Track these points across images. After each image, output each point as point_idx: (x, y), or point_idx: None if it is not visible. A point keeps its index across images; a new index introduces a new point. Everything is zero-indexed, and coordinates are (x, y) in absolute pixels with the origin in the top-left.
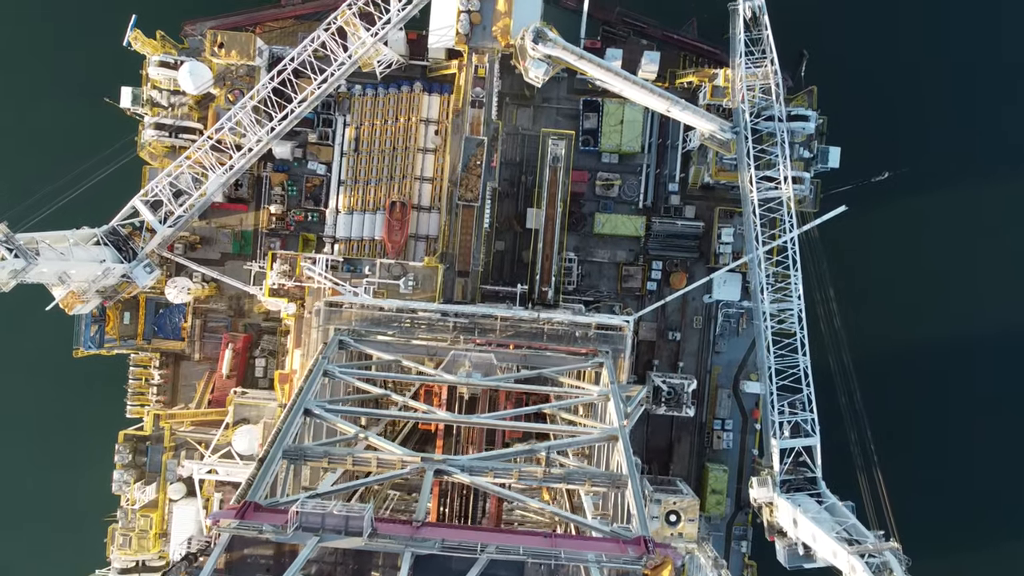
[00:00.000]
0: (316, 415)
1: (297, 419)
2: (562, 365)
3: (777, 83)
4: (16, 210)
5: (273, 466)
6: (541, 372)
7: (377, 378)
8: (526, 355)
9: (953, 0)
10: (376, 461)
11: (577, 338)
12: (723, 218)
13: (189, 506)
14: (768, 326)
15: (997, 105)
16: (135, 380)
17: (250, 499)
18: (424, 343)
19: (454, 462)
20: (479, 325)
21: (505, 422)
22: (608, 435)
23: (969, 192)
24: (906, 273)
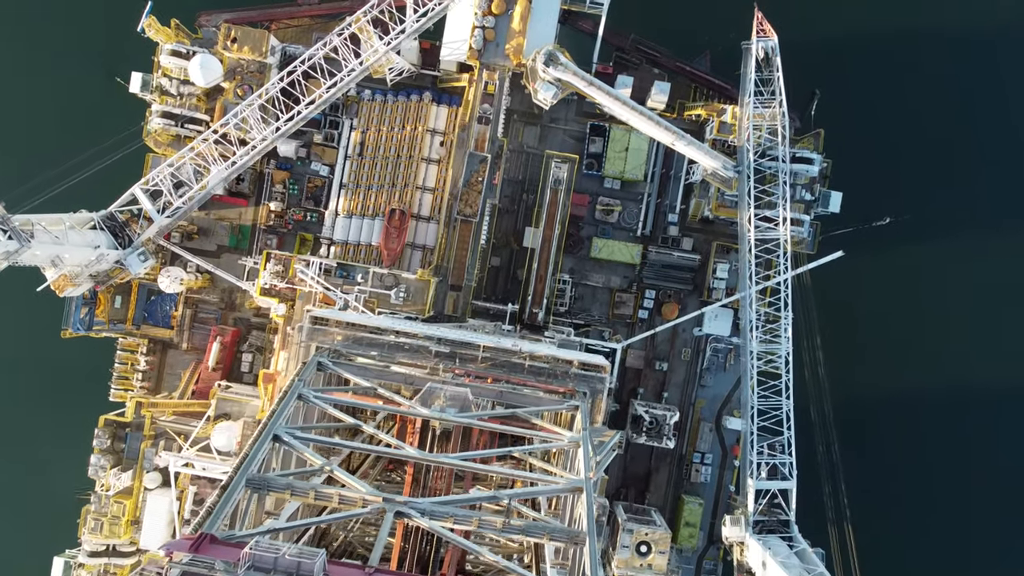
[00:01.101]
0: (285, 442)
1: (265, 445)
2: (538, 405)
3: (784, 125)
4: (18, 191)
5: (235, 495)
6: (515, 412)
7: (351, 406)
8: (502, 392)
9: (962, 54)
10: (338, 497)
11: (557, 375)
12: (720, 253)
13: (163, 496)
14: (754, 365)
15: (1002, 160)
16: (121, 364)
17: (207, 530)
18: (403, 370)
19: (416, 505)
20: (460, 354)
21: (471, 463)
22: (573, 487)
23: (968, 246)
24: (898, 323)
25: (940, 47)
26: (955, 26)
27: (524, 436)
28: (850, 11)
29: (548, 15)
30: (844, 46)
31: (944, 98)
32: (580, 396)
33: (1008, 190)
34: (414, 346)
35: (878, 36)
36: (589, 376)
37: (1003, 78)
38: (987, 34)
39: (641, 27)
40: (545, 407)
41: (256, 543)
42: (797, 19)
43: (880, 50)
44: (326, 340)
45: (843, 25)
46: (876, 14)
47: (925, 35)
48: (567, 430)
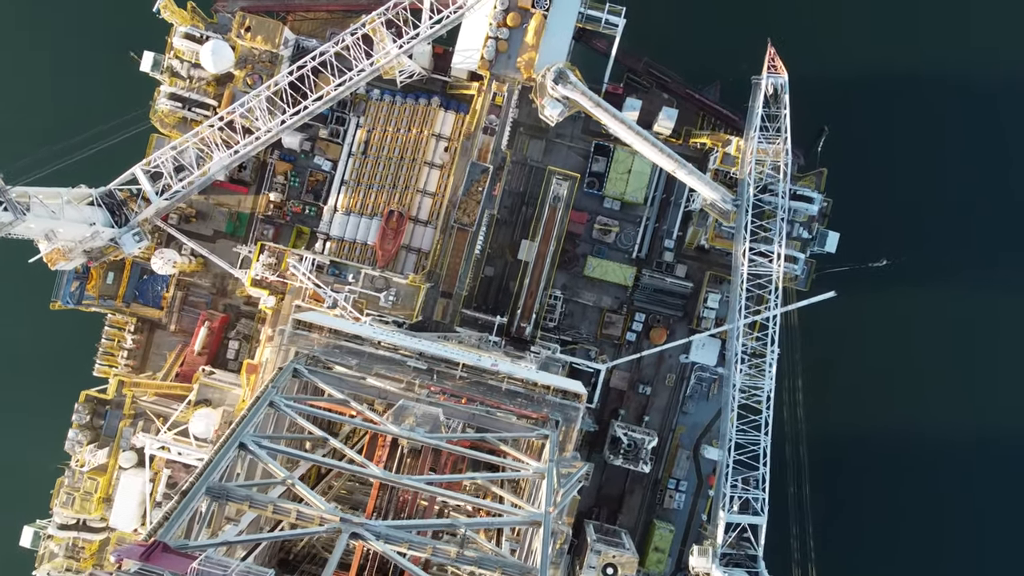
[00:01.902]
0: (251, 451)
1: (230, 453)
2: (509, 431)
3: (787, 163)
4: (20, 163)
5: (194, 502)
6: (485, 437)
7: (322, 417)
8: (474, 414)
9: (966, 103)
10: (296, 513)
11: (533, 399)
12: (712, 283)
13: (137, 477)
14: (736, 398)
15: (1003, 212)
16: (107, 341)
17: (160, 538)
18: (378, 383)
19: (372, 528)
20: (437, 370)
21: (433, 488)
22: (531, 520)
23: (963, 294)
24: (883, 368)
25: (946, 95)
26: (960, 76)
27: (492, 462)
28: (861, 52)
29: (562, 32)
30: (855, 86)
31: (948, 146)
32: (551, 425)
33: (1004, 241)
34: (393, 359)
35: (887, 79)
36: (564, 404)
37: (1004, 128)
38: (991, 87)
39: (655, 51)
40: (515, 434)
41: (205, 559)
42: (811, 56)
43: (889, 93)
44: (306, 345)
45: (855, 66)
46: (886, 57)
47: (933, 81)
48: (534, 460)
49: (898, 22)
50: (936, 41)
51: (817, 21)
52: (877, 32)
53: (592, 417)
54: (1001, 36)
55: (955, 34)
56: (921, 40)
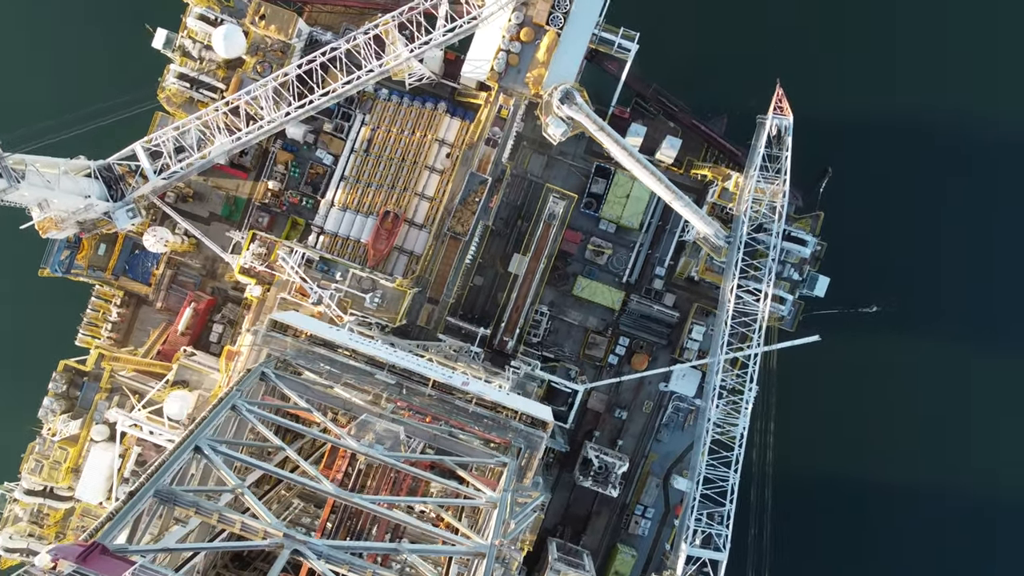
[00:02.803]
0: (205, 455)
1: (184, 455)
2: (469, 455)
3: (783, 204)
4: (23, 131)
5: (140, 504)
6: (444, 459)
7: (284, 425)
8: (436, 435)
9: (972, 163)
10: (241, 525)
11: (498, 424)
12: (699, 315)
13: (107, 451)
14: (710, 432)
15: (994, 275)
16: (93, 311)
17: (100, 540)
18: (345, 394)
19: (313, 546)
20: (407, 385)
21: (382, 509)
22: (476, 551)
23: (949, 350)
24: (858, 416)
25: (951, 150)
26: (964, 134)
27: (449, 486)
28: (873, 99)
29: (574, 52)
30: (862, 132)
31: (947, 202)
32: (512, 453)
33: (994, 303)
34: (363, 370)
35: (894, 128)
36: (529, 432)
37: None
38: (993, 146)
39: (666, 78)
40: (475, 459)
41: (140, 567)
42: (822, 97)
43: (895, 142)
44: (279, 347)
45: (865, 112)
46: (895, 106)
47: (939, 135)
48: (491, 486)
49: (913, 73)
50: (944, 96)
51: (831, 64)
52: (889, 81)
53: (565, 437)
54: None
55: (960, 91)
56: (931, 94)
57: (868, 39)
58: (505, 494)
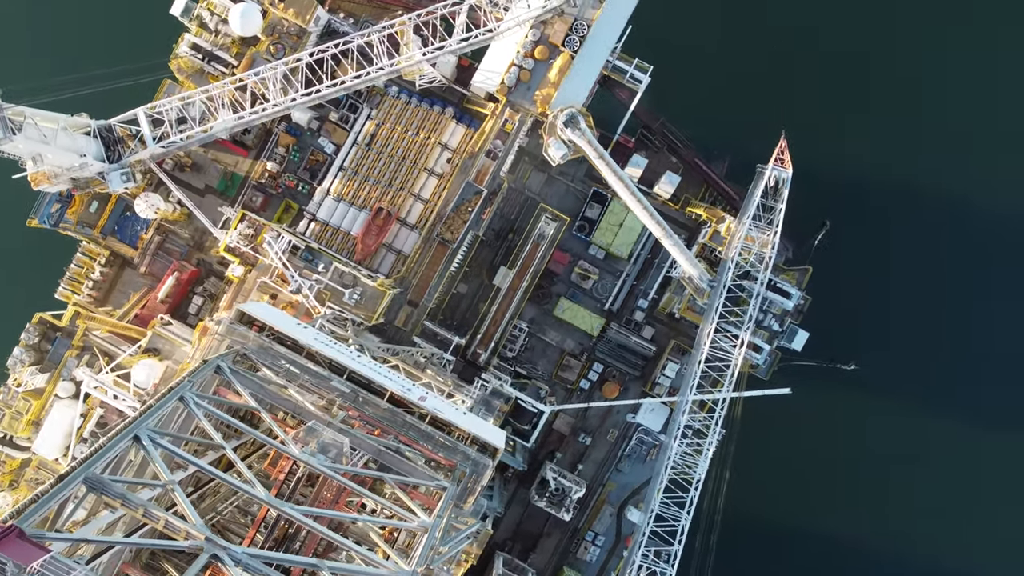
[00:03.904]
0: (143, 446)
1: (122, 444)
2: (411, 474)
3: (771, 256)
4: (29, 85)
5: (68, 490)
6: (383, 477)
7: (230, 424)
8: (381, 450)
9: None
10: (164, 522)
11: (447, 445)
12: (675, 352)
13: (70, 409)
14: (669, 469)
15: (979, 356)
16: (77, 267)
17: (19, 523)
18: (298, 396)
19: (232, 553)
20: (362, 395)
21: (311, 521)
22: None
23: (919, 418)
24: (818, 473)
25: (950, 221)
26: (962, 210)
27: (383, 505)
28: (877, 163)
29: (586, 76)
30: (863, 194)
31: (941, 275)
32: (455, 477)
33: (977, 387)
34: (320, 374)
35: (896, 192)
36: (477, 459)
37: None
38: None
39: (675, 113)
40: (415, 480)
41: (51, 560)
42: (827, 153)
43: (894, 206)
44: (241, 339)
45: (867, 174)
46: (900, 170)
47: (940, 205)
48: (427, 510)
49: (919, 139)
50: (946, 167)
51: (841, 122)
52: (896, 145)
53: (525, 456)
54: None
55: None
56: (934, 160)
57: (879, 102)
58: (438, 520)
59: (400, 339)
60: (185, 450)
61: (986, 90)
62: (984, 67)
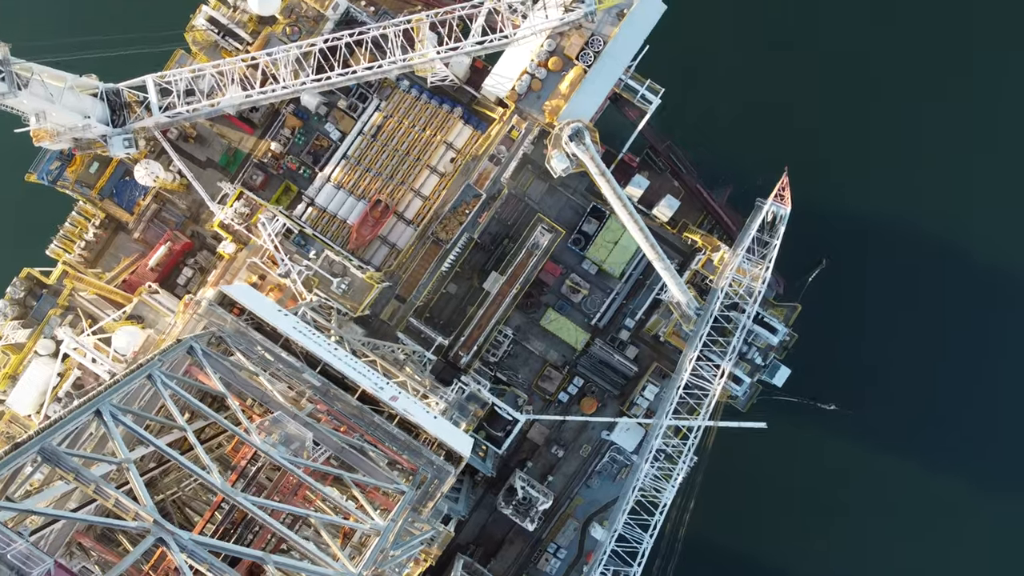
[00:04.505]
0: (103, 421)
1: (83, 417)
2: (371, 475)
3: (761, 290)
4: (43, 44)
5: (22, 459)
6: (341, 475)
7: (195, 407)
8: (344, 448)
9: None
10: (115, 500)
11: (411, 448)
12: (656, 374)
13: (47, 367)
14: (636, 491)
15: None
16: (71, 226)
17: None
18: (268, 385)
19: (179, 538)
20: (332, 391)
21: (262, 513)
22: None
23: (892, 464)
24: (782, 513)
25: (947, 275)
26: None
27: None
28: (876, 206)
29: (596, 92)
30: (861, 240)
31: (932, 326)
32: (415, 481)
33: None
34: (293, 364)
35: (893, 237)
36: (441, 464)
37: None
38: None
39: (682, 136)
40: (374, 481)
41: None
42: (827, 193)
43: (892, 254)
44: (218, 321)
45: (868, 221)
46: (897, 216)
47: (938, 257)
48: (380, 514)
49: (921, 187)
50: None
51: (845, 163)
52: (899, 194)
53: (495, 463)
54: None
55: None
56: (935, 213)
57: (882, 148)
58: (392, 523)
59: (384, 333)
60: (150, 427)
61: (985, 141)
62: (984, 118)
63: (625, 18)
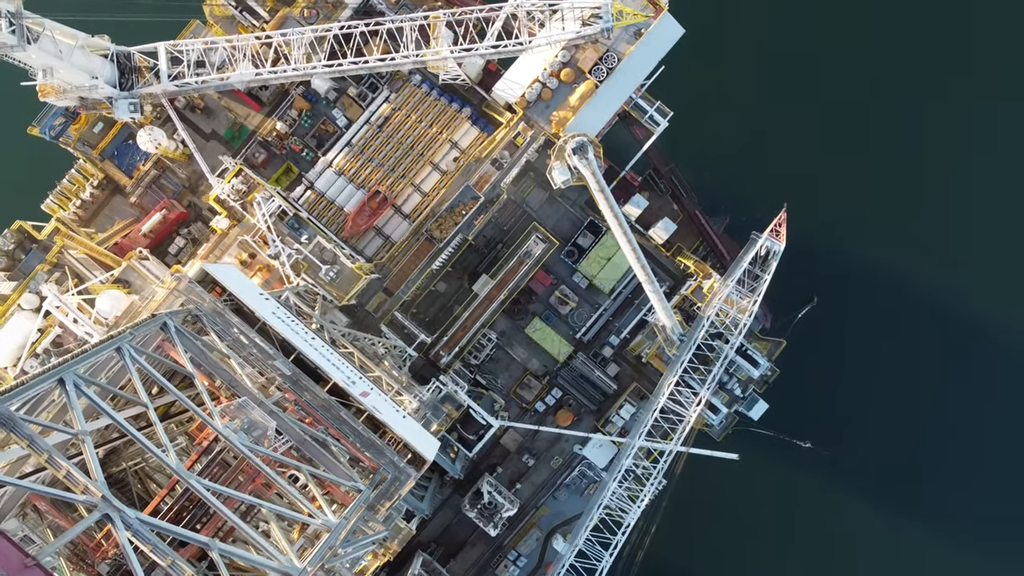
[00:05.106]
0: (65, 390)
1: (46, 384)
2: (331, 471)
3: (746, 322)
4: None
5: None
6: (299, 467)
7: (161, 385)
8: (306, 440)
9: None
10: (66, 472)
11: (375, 446)
12: (634, 395)
13: (29, 321)
14: (602, 508)
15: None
16: (69, 183)
17: None
18: (237, 369)
19: (125, 517)
20: (303, 382)
21: (213, 498)
22: (284, 572)
23: (862, 508)
24: (745, 539)
25: (933, 327)
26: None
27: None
28: (872, 252)
29: (605, 108)
30: (856, 280)
31: (914, 378)
32: (371, 482)
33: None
34: (267, 350)
35: (886, 284)
36: (402, 466)
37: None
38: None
39: (685, 159)
40: (331, 476)
41: None
42: (824, 234)
43: (883, 300)
44: (197, 299)
45: (862, 261)
46: (892, 263)
47: (927, 306)
48: (335, 510)
49: (920, 237)
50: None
51: (846, 206)
52: (896, 238)
53: (464, 465)
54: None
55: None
56: (931, 262)
57: (882, 196)
58: (343, 522)
59: (368, 324)
60: (117, 399)
61: (985, 199)
62: (984, 175)
63: (642, 38)
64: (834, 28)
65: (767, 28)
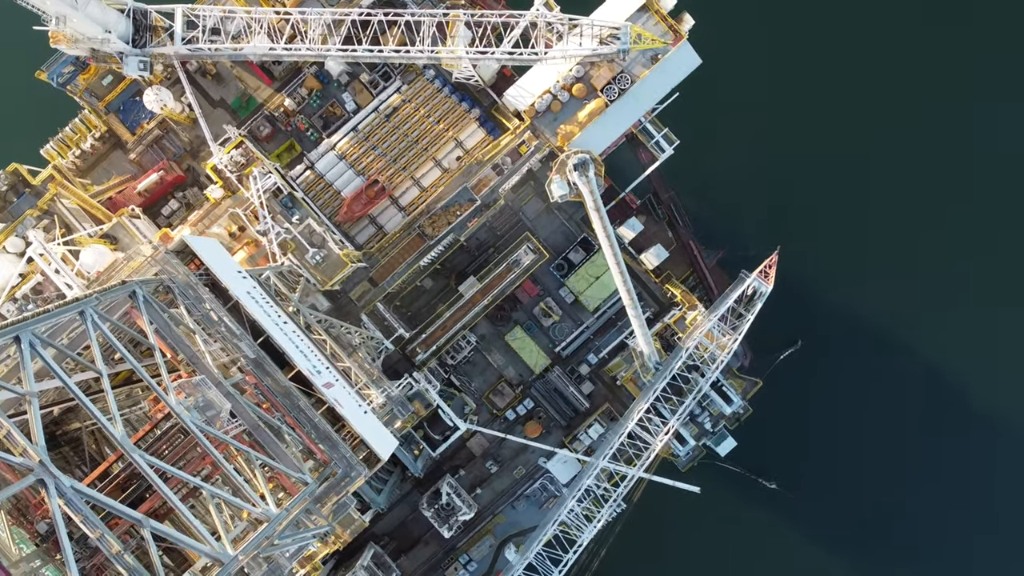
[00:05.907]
0: (20, 348)
1: (2, 340)
2: (279, 460)
3: (724, 359)
4: None
5: None
6: (248, 453)
7: (121, 353)
8: (259, 426)
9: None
10: (7, 432)
11: (330, 439)
12: (604, 415)
13: (11, 264)
14: (557, 523)
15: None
16: (71, 132)
17: None
18: (201, 347)
19: (60, 484)
20: (266, 366)
21: (154, 474)
22: (214, 557)
23: (817, 558)
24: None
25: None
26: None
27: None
28: (864, 304)
29: (613, 128)
30: (843, 329)
31: (889, 434)
32: (320, 476)
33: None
34: (233, 331)
35: (874, 336)
36: (354, 464)
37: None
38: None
39: (687, 189)
40: (279, 466)
41: None
42: (817, 277)
43: (869, 352)
44: (171, 271)
45: (852, 311)
46: (884, 317)
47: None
48: (276, 502)
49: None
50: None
51: (842, 255)
52: (887, 291)
53: (426, 464)
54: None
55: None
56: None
57: (879, 251)
58: (283, 513)
59: (349, 311)
60: (74, 363)
61: (983, 255)
62: (982, 234)
63: (658, 63)
64: (849, 80)
65: (784, 69)
